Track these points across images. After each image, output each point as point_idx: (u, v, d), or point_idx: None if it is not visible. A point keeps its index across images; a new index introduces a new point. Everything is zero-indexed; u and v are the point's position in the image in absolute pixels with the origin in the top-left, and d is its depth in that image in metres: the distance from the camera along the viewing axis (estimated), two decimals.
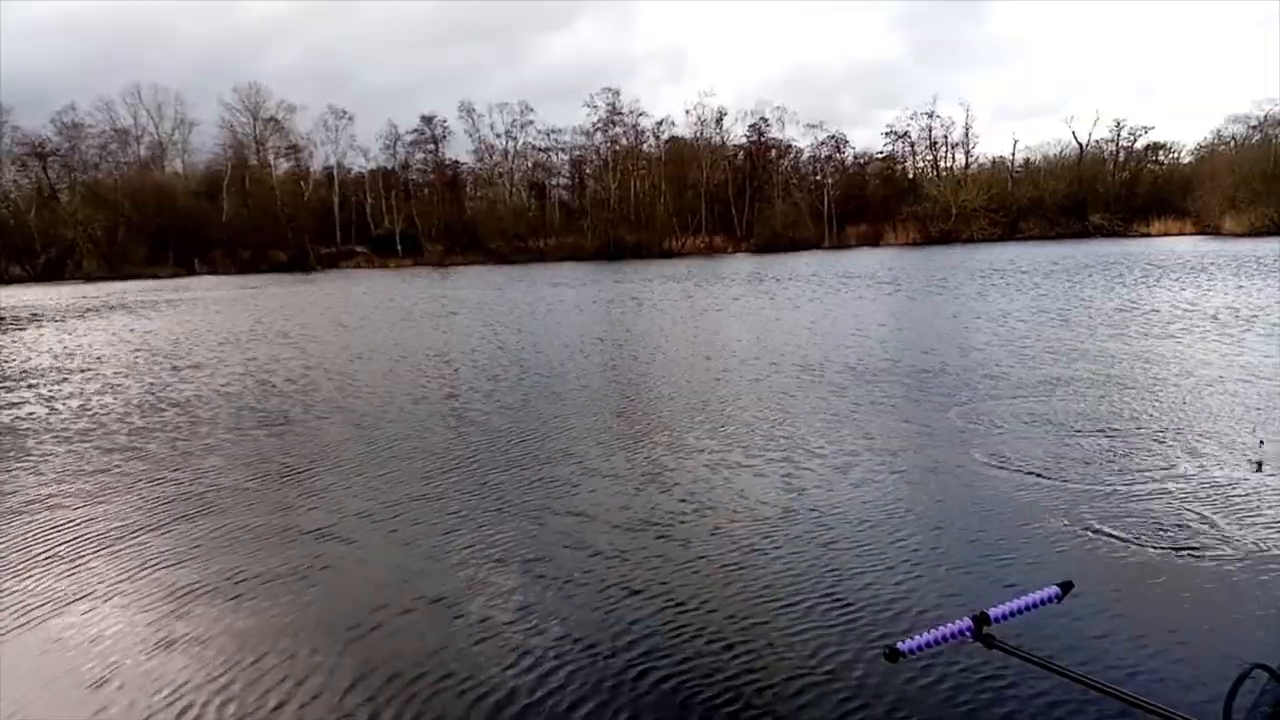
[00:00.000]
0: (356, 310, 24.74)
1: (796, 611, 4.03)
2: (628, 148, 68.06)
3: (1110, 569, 4.35)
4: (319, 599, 4.44)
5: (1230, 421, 7.21)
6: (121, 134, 67.13)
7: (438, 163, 71.56)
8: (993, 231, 61.53)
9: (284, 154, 70.37)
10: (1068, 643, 3.59)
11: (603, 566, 4.70)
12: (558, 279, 37.03)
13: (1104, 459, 6.29)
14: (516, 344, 15.13)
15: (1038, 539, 4.80)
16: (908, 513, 5.35)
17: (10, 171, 64.22)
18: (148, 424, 9.07)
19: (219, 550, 5.16)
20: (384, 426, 8.59)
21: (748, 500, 5.72)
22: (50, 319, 25.13)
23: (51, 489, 6.67)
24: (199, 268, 59.67)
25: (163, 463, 7.39)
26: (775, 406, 8.69)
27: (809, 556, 4.70)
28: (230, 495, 6.32)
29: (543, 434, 7.95)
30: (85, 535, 5.50)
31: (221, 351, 15.39)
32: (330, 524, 5.59)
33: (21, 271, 59.57)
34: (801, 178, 72.89)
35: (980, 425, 7.51)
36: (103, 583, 4.71)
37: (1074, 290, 20.38)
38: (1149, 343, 11.85)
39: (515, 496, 6.01)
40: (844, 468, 6.38)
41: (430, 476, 6.62)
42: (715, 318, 18.35)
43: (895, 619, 3.91)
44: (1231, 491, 5.43)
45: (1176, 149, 66.03)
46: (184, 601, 4.42)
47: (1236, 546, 4.55)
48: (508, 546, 5.03)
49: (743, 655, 3.64)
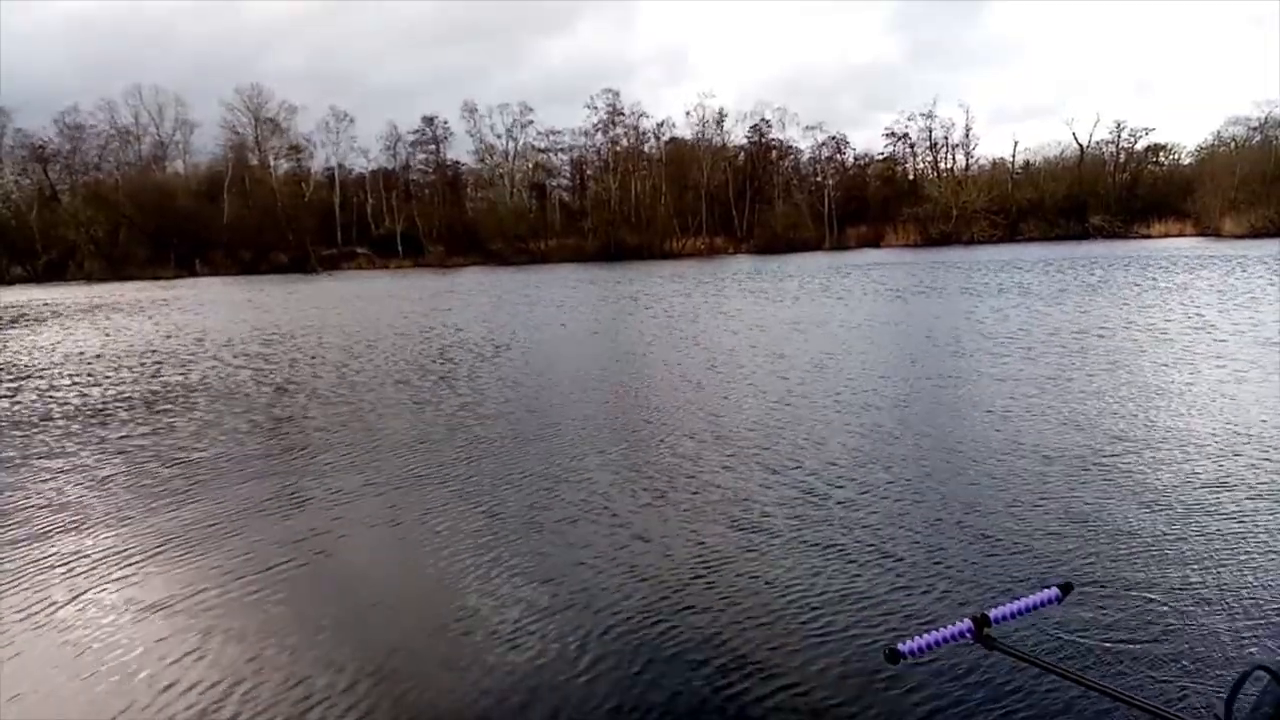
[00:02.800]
0: (360, 314, 24.73)
1: (797, 612, 4.04)
2: (628, 149, 68.04)
3: (1111, 570, 4.35)
4: (318, 595, 4.45)
5: (1231, 422, 7.20)
6: (122, 134, 67.27)
7: (439, 163, 71.59)
8: (993, 233, 61.53)
9: (285, 155, 70.43)
10: (1068, 644, 3.59)
11: (601, 566, 4.70)
12: (559, 281, 37.01)
13: (1105, 460, 6.30)
14: (519, 346, 15.14)
15: (1038, 540, 4.80)
16: (909, 514, 5.35)
17: (11, 172, 64.32)
18: (149, 425, 9.08)
19: (217, 548, 5.16)
20: (385, 428, 8.60)
21: (748, 501, 5.72)
22: (54, 319, 25.15)
23: (51, 486, 6.68)
24: (200, 269, 59.66)
25: (163, 463, 7.39)
26: (775, 409, 8.69)
27: (808, 557, 4.70)
28: (229, 493, 6.33)
29: (544, 436, 7.96)
30: (84, 532, 5.51)
31: (223, 353, 15.40)
32: (329, 522, 5.61)
33: (23, 272, 59.60)
34: (802, 179, 72.90)
35: (980, 425, 7.51)
36: (101, 576, 4.72)
37: (1073, 291, 20.38)
38: (1149, 345, 11.84)
39: (517, 497, 6.02)
40: (844, 469, 6.38)
41: (431, 476, 6.63)
42: (716, 318, 18.34)
43: (895, 620, 3.91)
44: (1231, 493, 5.44)
45: (1177, 150, 66.07)
46: (183, 598, 4.42)
47: (1237, 547, 4.55)
48: (508, 547, 5.04)
49: (742, 656, 3.65)
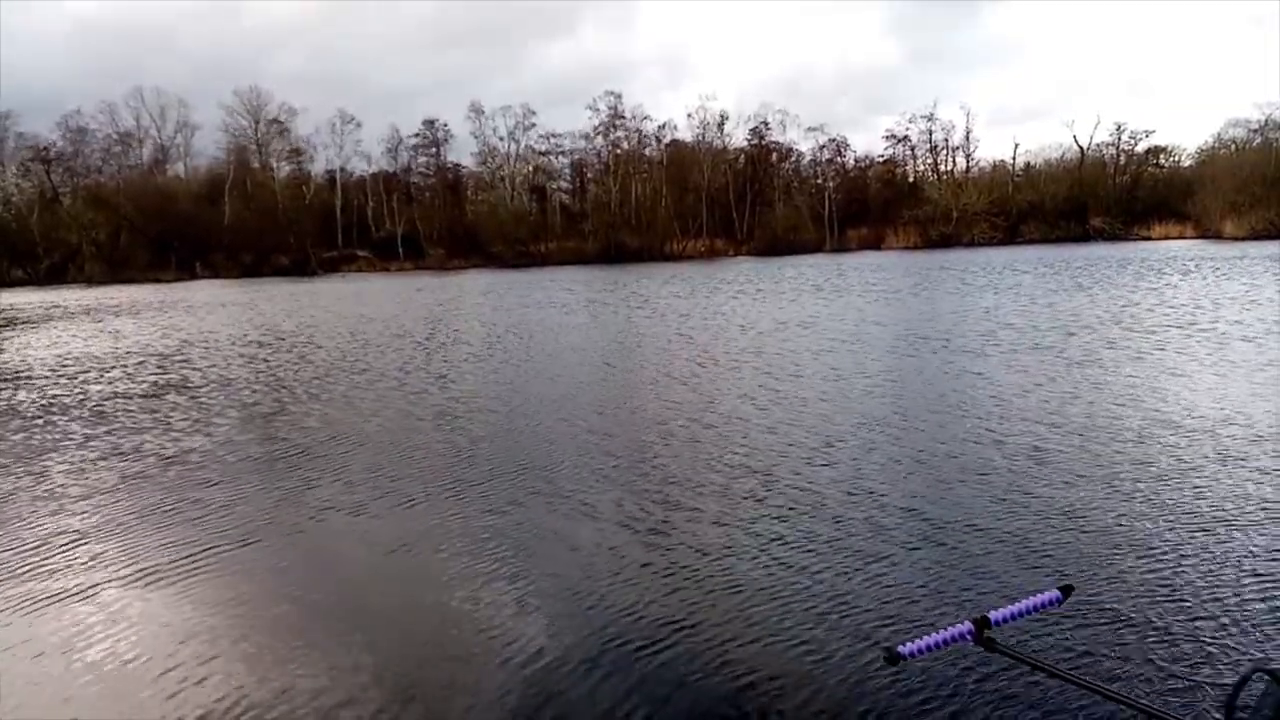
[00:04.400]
0: (360, 314, 24.74)
1: (795, 613, 4.04)
2: (629, 151, 68.07)
3: (1111, 572, 4.34)
4: (318, 593, 4.45)
5: (1231, 424, 7.20)
6: (124, 137, 67.36)
7: (439, 166, 71.64)
8: (993, 235, 61.53)
9: (286, 157, 70.54)
10: (1069, 646, 3.59)
11: (600, 566, 4.70)
12: (559, 283, 37.00)
13: (1105, 461, 6.29)
14: (519, 346, 15.14)
15: (1039, 541, 4.80)
16: (908, 514, 5.35)
17: (13, 175, 64.40)
18: (148, 424, 9.08)
19: (216, 546, 5.17)
20: (384, 427, 8.60)
21: (747, 501, 5.72)
22: (55, 320, 25.16)
23: (50, 484, 6.68)
24: (201, 271, 59.69)
25: (160, 462, 7.39)
26: (775, 410, 8.69)
27: (808, 558, 4.69)
28: (229, 493, 6.34)
29: (546, 438, 7.97)
30: (83, 526, 5.51)
31: (228, 354, 15.41)
32: (328, 522, 5.62)
33: (24, 275, 59.64)
34: (803, 181, 72.88)
35: (977, 426, 7.51)
36: (100, 570, 4.72)
37: (1073, 292, 20.37)
38: (1149, 345, 11.83)
39: (516, 496, 6.02)
40: (843, 469, 6.38)
41: (431, 475, 6.63)
42: (719, 319, 18.34)
43: (894, 621, 3.91)
44: (1231, 493, 5.44)
45: (1177, 152, 66.03)
46: (183, 594, 4.43)
47: (1237, 549, 4.55)
48: (508, 547, 5.04)
49: (740, 657, 3.65)
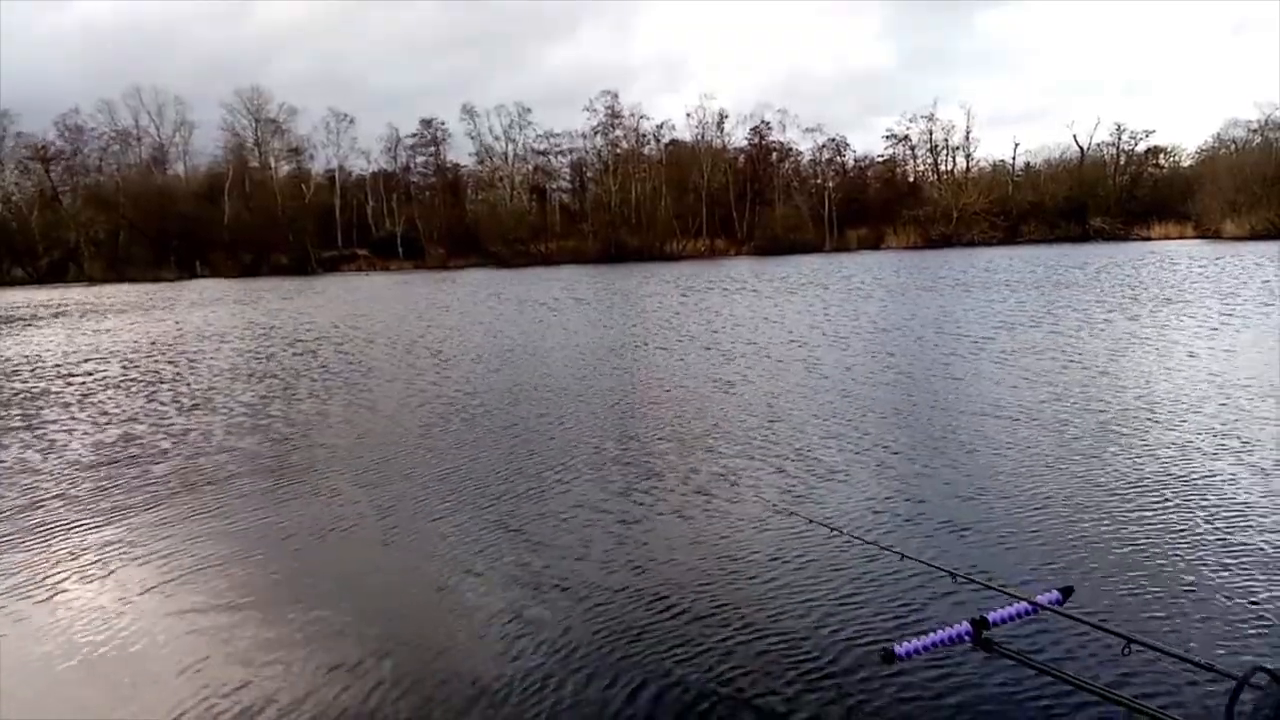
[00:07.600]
0: (359, 314, 24.74)
1: (792, 613, 4.02)
2: (628, 151, 68.08)
3: (1111, 573, 4.33)
4: (316, 593, 4.44)
5: (1231, 424, 7.19)
6: (123, 136, 67.31)
7: (438, 166, 71.66)
8: (993, 235, 61.60)
9: (285, 157, 70.56)
10: (1068, 647, 3.57)
11: (598, 566, 4.69)
12: (560, 282, 37.00)
13: (1106, 461, 6.28)
14: (524, 349, 15.14)
15: (1038, 542, 4.78)
16: (907, 514, 5.33)
17: (13, 174, 64.42)
18: (146, 424, 9.08)
19: (214, 544, 5.16)
20: (383, 427, 8.59)
21: (746, 501, 5.71)
22: (56, 319, 25.14)
23: (50, 484, 6.67)
24: (200, 270, 59.71)
25: (162, 459, 7.39)
26: (774, 410, 8.68)
27: (807, 558, 4.68)
28: (229, 492, 6.33)
29: (546, 439, 7.96)
30: (82, 526, 5.51)
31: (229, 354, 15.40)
32: (326, 521, 5.60)
33: (24, 274, 59.68)
34: (802, 181, 72.91)
35: (977, 425, 7.50)
36: (100, 570, 4.71)
37: (1074, 292, 20.38)
38: (1149, 346, 11.83)
39: (515, 496, 6.01)
40: (842, 470, 6.37)
41: (430, 474, 6.62)
42: (719, 319, 18.34)
43: (893, 622, 3.89)
44: (1231, 494, 5.42)
45: (1177, 153, 66.14)
46: (181, 591, 4.42)
47: (1237, 549, 4.54)
48: (509, 547, 5.03)
49: (738, 657, 3.63)
